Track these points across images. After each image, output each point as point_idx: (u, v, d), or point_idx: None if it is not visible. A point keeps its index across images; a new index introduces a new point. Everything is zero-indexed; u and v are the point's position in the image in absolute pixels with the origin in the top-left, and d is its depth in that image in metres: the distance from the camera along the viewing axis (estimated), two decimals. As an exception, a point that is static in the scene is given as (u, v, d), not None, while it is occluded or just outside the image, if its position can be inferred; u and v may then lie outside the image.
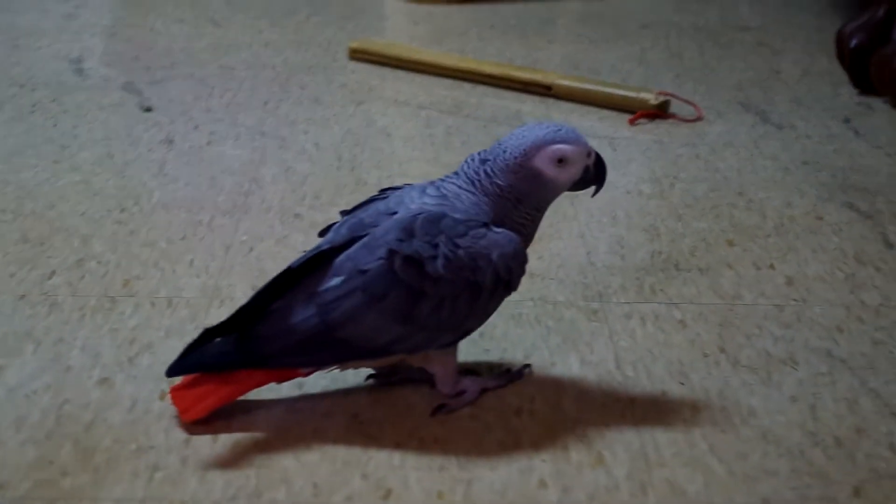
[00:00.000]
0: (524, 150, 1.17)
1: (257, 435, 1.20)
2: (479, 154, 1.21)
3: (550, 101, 2.28)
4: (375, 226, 1.18)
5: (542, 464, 1.17)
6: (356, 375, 1.29)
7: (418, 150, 2.03)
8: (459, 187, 1.20)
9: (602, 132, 2.10)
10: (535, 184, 1.18)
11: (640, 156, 2.00)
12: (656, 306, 1.48)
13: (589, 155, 1.20)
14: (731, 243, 1.66)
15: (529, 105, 2.27)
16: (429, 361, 1.23)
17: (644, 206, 1.79)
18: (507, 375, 1.31)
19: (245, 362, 1.18)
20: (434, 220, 1.15)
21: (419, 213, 1.16)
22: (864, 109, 2.26)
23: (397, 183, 1.78)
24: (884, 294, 1.52)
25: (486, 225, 1.16)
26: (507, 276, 1.17)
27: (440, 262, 1.13)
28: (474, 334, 1.23)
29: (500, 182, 1.18)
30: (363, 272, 1.14)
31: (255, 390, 1.22)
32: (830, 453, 1.19)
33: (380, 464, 1.16)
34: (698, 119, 2.19)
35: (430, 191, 1.20)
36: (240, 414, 1.23)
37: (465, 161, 1.22)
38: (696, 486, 1.14)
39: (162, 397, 1.26)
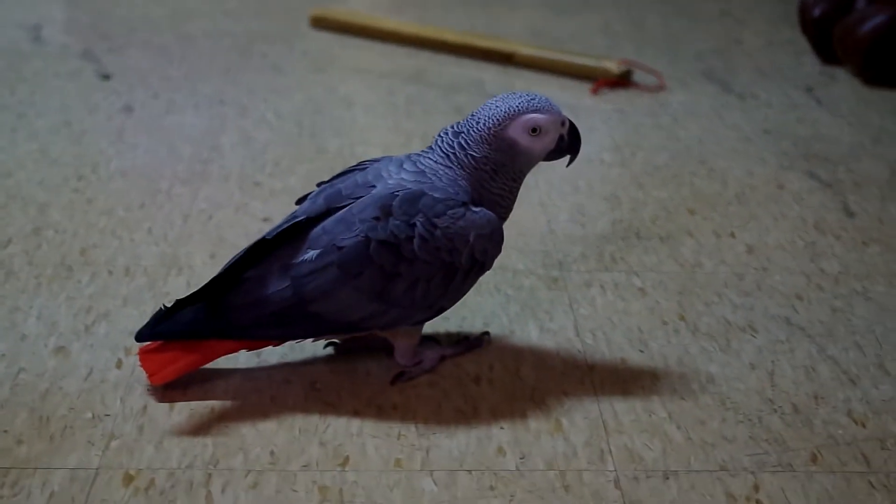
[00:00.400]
0: (498, 120, 1.16)
1: (215, 403, 1.19)
2: (452, 127, 1.20)
3: (512, 69, 2.28)
4: (353, 198, 1.17)
5: (500, 431, 1.17)
6: (315, 344, 1.29)
7: (379, 118, 2.02)
8: (436, 162, 1.18)
9: (564, 101, 2.06)
10: (509, 154, 1.17)
11: (601, 125, 2.00)
12: (616, 274, 1.48)
13: (563, 124, 1.19)
14: (691, 212, 1.66)
15: (491, 73, 2.26)
16: (395, 334, 1.23)
17: (605, 175, 1.79)
18: (466, 343, 1.31)
19: (217, 332, 1.17)
20: (413, 200, 1.14)
21: (397, 191, 1.15)
22: (826, 79, 2.27)
23: (358, 150, 1.79)
24: (843, 263, 1.53)
25: (464, 204, 1.15)
26: (482, 257, 1.17)
27: (417, 242, 1.13)
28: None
29: (474, 154, 1.17)
30: (339, 248, 1.13)
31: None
32: (788, 420, 1.20)
33: (338, 431, 1.16)
34: (661, 88, 2.19)
35: (408, 166, 1.19)
36: (197, 382, 1.22)
37: (439, 135, 1.21)
38: (654, 453, 1.14)
39: (119, 365, 1.25)
